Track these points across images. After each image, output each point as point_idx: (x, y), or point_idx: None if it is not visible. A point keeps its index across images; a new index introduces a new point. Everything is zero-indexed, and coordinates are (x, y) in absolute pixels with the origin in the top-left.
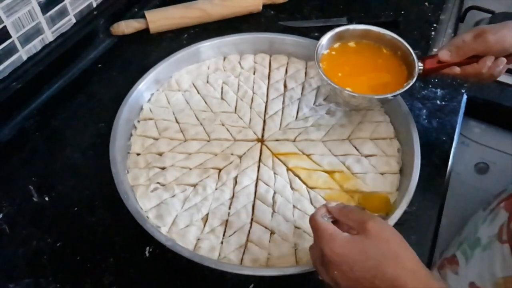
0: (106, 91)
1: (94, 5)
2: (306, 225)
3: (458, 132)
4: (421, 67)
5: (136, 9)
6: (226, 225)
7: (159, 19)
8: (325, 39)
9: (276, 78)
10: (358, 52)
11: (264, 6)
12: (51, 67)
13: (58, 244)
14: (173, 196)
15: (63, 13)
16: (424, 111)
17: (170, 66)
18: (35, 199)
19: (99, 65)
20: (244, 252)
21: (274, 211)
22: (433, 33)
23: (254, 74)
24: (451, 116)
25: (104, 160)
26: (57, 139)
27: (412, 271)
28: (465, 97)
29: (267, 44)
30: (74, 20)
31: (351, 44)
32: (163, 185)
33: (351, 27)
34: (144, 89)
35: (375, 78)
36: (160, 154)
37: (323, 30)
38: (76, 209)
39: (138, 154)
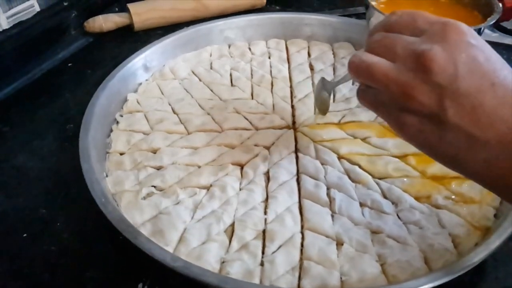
0: (77, 89)
1: None
2: (388, 227)
3: None
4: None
5: (117, 9)
6: (264, 238)
7: (145, 11)
8: None
9: (299, 61)
10: (412, 3)
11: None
12: (4, 61)
13: None
14: (178, 203)
15: None
16: None
17: (162, 53)
18: None
19: (69, 64)
20: (300, 275)
21: (334, 212)
22: None
23: (269, 58)
24: None
25: (71, 165)
26: (4, 146)
27: None
28: None
29: (280, 27)
30: (37, 8)
31: None
32: (161, 190)
33: None
34: (129, 75)
35: None
36: (155, 152)
37: None
38: (25, 235)
39: (121, 154)
